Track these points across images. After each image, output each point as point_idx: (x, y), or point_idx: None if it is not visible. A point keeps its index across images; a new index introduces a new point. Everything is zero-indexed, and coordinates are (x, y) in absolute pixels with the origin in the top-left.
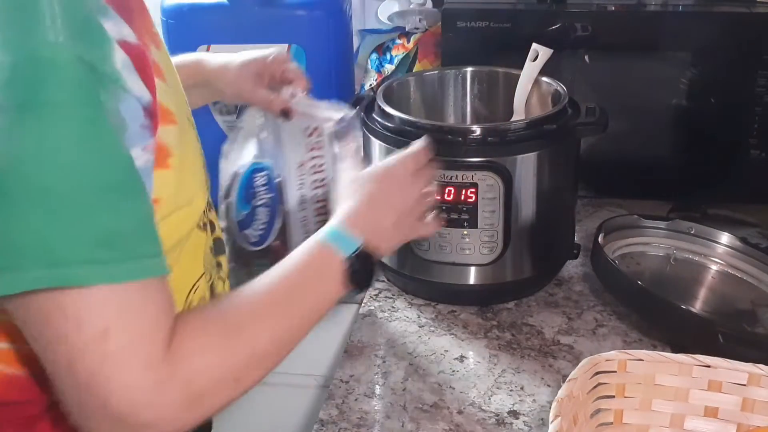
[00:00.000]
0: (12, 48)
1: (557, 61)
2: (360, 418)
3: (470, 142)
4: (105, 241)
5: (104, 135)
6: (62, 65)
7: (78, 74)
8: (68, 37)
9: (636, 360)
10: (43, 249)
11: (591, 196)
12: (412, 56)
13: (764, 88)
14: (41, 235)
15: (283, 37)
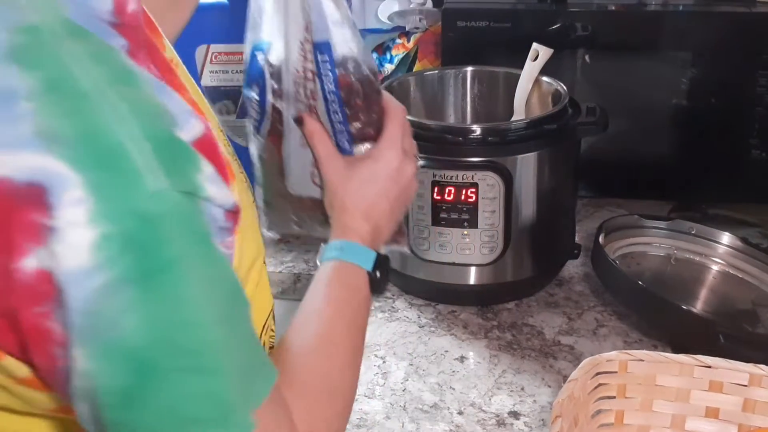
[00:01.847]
0: (116, 215)
1: (557, 61)
2: (360, 418)
3: (470, 142)
4: (242, 373)
5: (216, 265)
6: (172, 213)
7: (186, 214)
8: (167, 176)
9: (637, 360)
10: (205, 413)
11: (591, 196)
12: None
13: (765, 88)
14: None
15: None
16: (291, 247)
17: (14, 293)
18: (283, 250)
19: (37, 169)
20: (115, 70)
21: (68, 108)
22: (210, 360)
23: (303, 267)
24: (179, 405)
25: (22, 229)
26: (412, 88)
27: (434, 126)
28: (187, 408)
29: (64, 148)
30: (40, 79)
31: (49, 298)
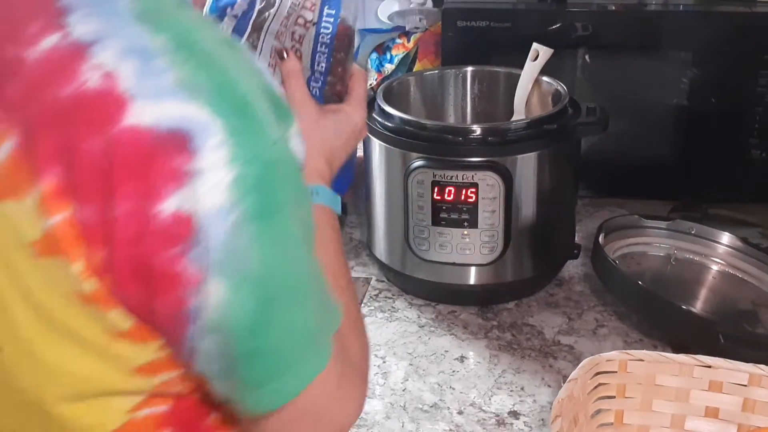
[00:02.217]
0: (249, 156)
1: (557, 61)
2: (360, 418)
3: (470, 142)
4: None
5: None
6: (284, 160)
7: (292, 162)
8: (280, 128)
9: (636, 360)
10: (309, 340)
11: (591, 196)
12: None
13: (765, 88)
14: (303, 329)
15: None
16: None
17: (149, 238)
18: None
19: (180, 117)
20: (219, 35)
21: (200, 63)
22: (307, 289)
23: None
24: (292, 329)
25: (165, 174)
26: (412, 88)
27: (434, 126)
28: (296, 332)
29: (206, 97)
30: (169, 39)
31: (183, 239)
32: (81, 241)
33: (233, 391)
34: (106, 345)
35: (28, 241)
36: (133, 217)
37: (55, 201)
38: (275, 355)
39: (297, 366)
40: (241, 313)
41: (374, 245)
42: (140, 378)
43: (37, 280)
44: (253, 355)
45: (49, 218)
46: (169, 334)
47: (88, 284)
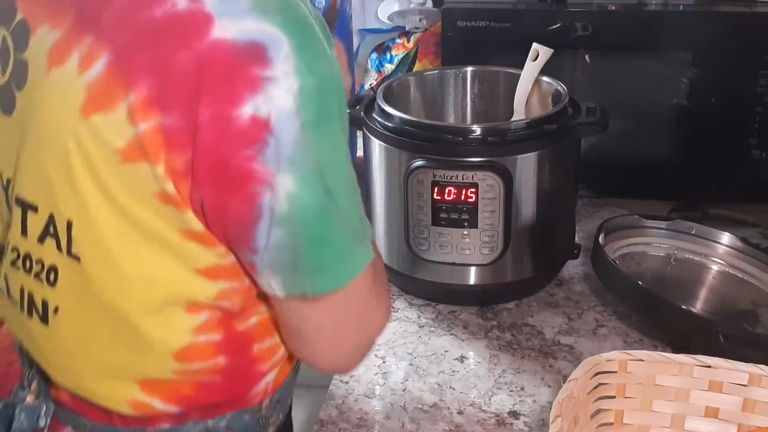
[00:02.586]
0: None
1: (557, 61)
2: (360, 418)
3: (470, 142)
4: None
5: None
6: (336, 78)
7: (341, 84)
8: (332, 53)
9: (636, 360)
10: (360, 232)
11: (591, 196)
12: (412, 56)
13: (765, 88)
14: (355, 221)
15: None
16: None
17: (228, 141)
18: None
19: (256, 32)
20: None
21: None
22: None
23: None
24: (348, 221)
25: (245, 81)
26: (412, 88)
27: (434, 126)
28: (351, 224)
29: (274, 17)
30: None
31: (259, 140)
32: (165, 146)
33: (294, 279)
34: (180, 244)
35: (116, 148)
36: (215, 121)
37: (145, 110)
38: (336, 242)
39: (351, 256)
40: (308, 203)
41: None
42: (204, 281)
43: (122, 184)
44: (317, 243)
45: (138, 125)
46: (239, 233)
47: (169, 185)
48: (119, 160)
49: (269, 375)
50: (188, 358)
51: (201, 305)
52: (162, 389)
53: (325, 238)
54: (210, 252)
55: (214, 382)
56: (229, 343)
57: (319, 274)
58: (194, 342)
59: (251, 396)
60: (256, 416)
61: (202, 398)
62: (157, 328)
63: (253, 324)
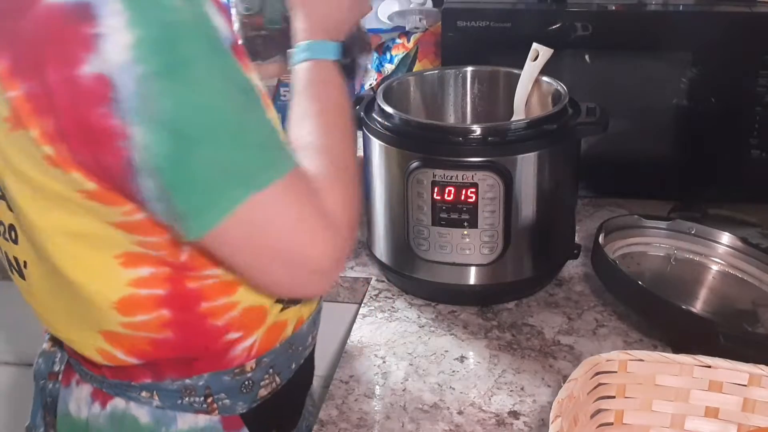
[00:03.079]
0: (146, 21)
1: (557, 61)
2: (360, 418)
3: (470, 142)
4: (261, 148)
5: (230, 67)
6: (187, 23)
7: (200, 27)
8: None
9: (636, 360)
10: (231, 172)
11: (591, 196)
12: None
13: (765, 88)
14: (225, 162)
15: None
16: None
17: (81, 101)
18: None
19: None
20: None
21: None
22: (228, 134)
23: None
24: (215, 163)
25: (77, 41)
26: (412, 88)
27: (434, 126)
28: (220, 166)
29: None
30: None
31: (107, 96)
32: (34, 113)
33: (178, 225)
34: (83, 203)
35: (3, 116)
36: (63, 84)
37: (9, 79)
38: (199, 185)
39: (220, 196)
40: (159, 151)
41: (374, 245)
42: (121, 232)
43: (17, 151)
44: (178, 188)
45: (8, 94)
46: (124, 188)
47: (48, 149)
48: (8, 129)
49: (248, 339)
50: (130, 311)
51: (136, 259)
52: (121, 341)
53: (184, 182)
54: (114, 209)
55: (167, 338)
56: (174, 299)
57: (190, 219)
58: (134, 294)
59: (229, 358)
60: (240, 378)
61: (160, 353)
62: (92, 280)
63: (209, 284)
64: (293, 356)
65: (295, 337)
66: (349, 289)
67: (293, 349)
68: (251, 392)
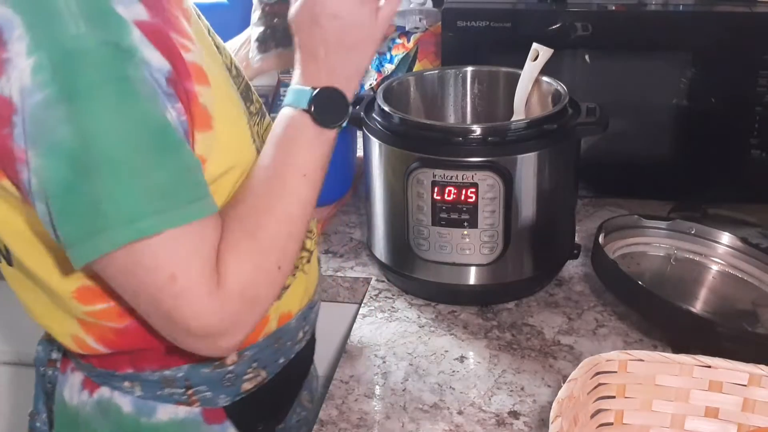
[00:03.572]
0: (44, 47)
1: (557, 61)
2: (360, 418)
3: (470, 142)
4: (159, 193)
5: (138, 103)
6: (89, 51)
7: (105, 56)
8: (89, 27)
9: (636, 360)
10: (116, 211)
11: (591, 196)
12: (412, 56)
13: (765, 88)
14: (112, 199)
15: None
16: None
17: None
18: None
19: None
20: None
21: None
22: (120, 172)
23: None
24: (101, 199)
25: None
26: (412, 88)
27: (434, 126)
28: (106, 203)
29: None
30: None
31: (9, 119)
32: None
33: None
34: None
35: None
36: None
37: None
38: (82, 218)
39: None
40: (49, 177)
41: (374, 245)
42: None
43: None
44: (62, 218)
45: None
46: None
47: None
48: None
49: None
50: (89, 300)
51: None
52: (91, 329)
53: (68, 213)
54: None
55: (129, 328)
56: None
57: (69, 249)
58: (90, 284)
59: None
60: (221, 371)
61: (126, 343)
62: (50, 272)
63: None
64: (280, 351)
65: (280, 331)
66: (349, 289)
67: (280, 344)
68: (234, 386)
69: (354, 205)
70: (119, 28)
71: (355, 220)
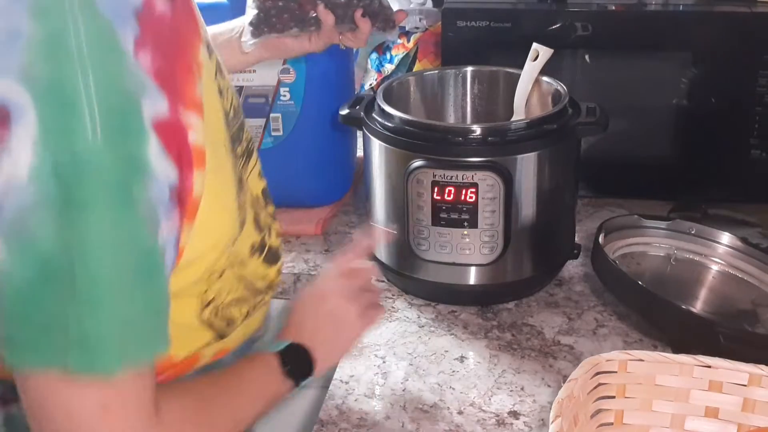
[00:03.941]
0: (53, 147)
1: (557, 61)
2: (360, 418)
3: (470, 142)
4: (125, 328)
5: (133, 226)
6: (99, 165)
7: (114, 173)
8: (105, 136)
9: (636, 360)
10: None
11: (591, 196)
12: (412, 56)
13: (765, 88)
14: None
15: None
16: (291, 247)
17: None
18: (284, 250)
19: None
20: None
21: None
22: (95, 296)
23: (303, 267)
24: (60, 319)
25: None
26: (412, 88)
27: (434, 126)
28: (65, 324)
29: (35, 86)
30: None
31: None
32: None
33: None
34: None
35: None
36: None
37: None
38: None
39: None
40: (13, 273)
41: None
42: None
43: None
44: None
45: None
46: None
47: None
48: None
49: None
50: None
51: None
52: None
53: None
54: None
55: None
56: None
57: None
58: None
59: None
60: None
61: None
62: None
63: None
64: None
65: (216, 364)
66: None
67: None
68: None
69: (354, 205)
70: (137, 140)
71: (355, 220)
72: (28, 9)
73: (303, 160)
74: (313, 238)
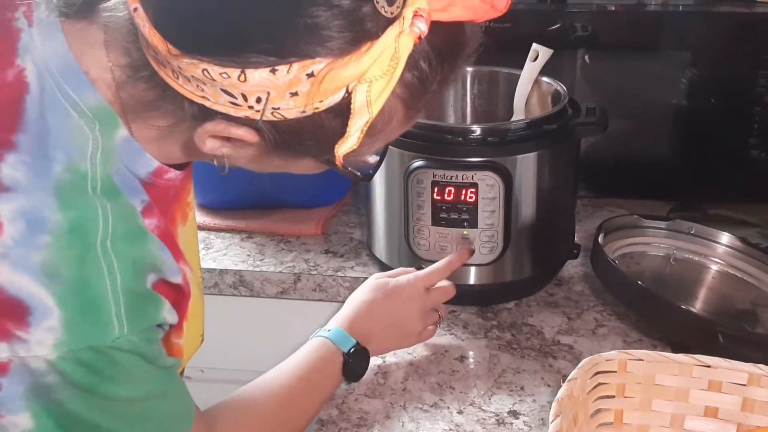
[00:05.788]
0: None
1: (557, 61)
2: (360, 418)
3: (470, 142)
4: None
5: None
6: (120, 357)
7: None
8: (131, 325)
9: (636, 360)
10: None
11: (591, 196)
12: None
13: (764, 88)
14: None
15: None
16: (291, 247)
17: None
18: (284, 250)
19: (28, 293)
20: (129, 228)
21: (75, 254)
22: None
23: (303, 267)
24: None
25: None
26: None
27: (434, 126)
28: None
29: (58, 287)
30: (69, 219)
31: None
32: None
33: None
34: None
35: None
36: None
37: None
38: None
39: None
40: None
41: (374, 245)
42: None
43: None
44: None
45: None
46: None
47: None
48: None
49: None
50: None
51: None
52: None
53: None
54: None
55: None
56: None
57: None
58: None
59: None
60: None
61: None
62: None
63: None
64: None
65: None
66: (349, 288)
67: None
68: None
69: (354, 205)
70: (155, 309)
71: (355, 220)
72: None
73: None
74: (313, 238)
